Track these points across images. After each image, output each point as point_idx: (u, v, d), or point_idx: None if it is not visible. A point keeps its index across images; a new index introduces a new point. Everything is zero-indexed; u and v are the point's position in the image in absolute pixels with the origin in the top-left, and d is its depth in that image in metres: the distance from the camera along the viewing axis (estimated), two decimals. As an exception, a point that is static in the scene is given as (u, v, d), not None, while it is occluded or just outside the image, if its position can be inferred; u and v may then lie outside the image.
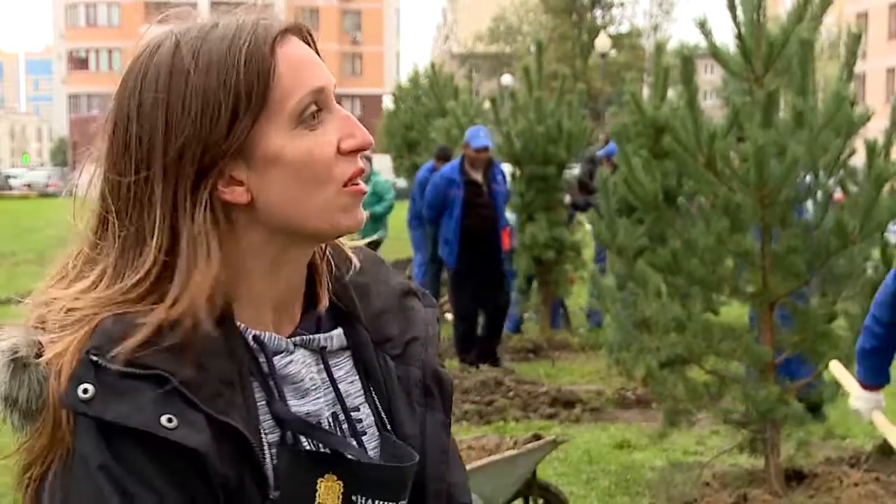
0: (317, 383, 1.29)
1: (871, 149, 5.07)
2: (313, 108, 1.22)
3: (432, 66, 20.81)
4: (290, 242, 1.25)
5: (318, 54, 1.27)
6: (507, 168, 10.44)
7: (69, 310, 1.22)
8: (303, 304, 1.32)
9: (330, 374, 1.30)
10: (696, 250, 5.27)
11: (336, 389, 1.29)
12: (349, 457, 1.24)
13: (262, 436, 1.21)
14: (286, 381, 1.26)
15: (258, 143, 1.21)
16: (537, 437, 4.79)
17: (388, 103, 34.11)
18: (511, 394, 7.78)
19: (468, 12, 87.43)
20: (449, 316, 12.12)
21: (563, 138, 10.12)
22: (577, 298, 11.41)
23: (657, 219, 5.55)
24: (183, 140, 1.19)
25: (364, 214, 1.26)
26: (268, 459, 1.21)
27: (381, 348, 1.34)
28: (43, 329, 1.23)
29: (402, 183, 32.97)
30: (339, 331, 1.32)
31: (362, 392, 1.32)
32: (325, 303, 1.32)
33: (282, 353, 1.27)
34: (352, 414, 1.30)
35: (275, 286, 1.27)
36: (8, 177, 57.11)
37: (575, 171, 11.75)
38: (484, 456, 4.70)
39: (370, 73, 79.17)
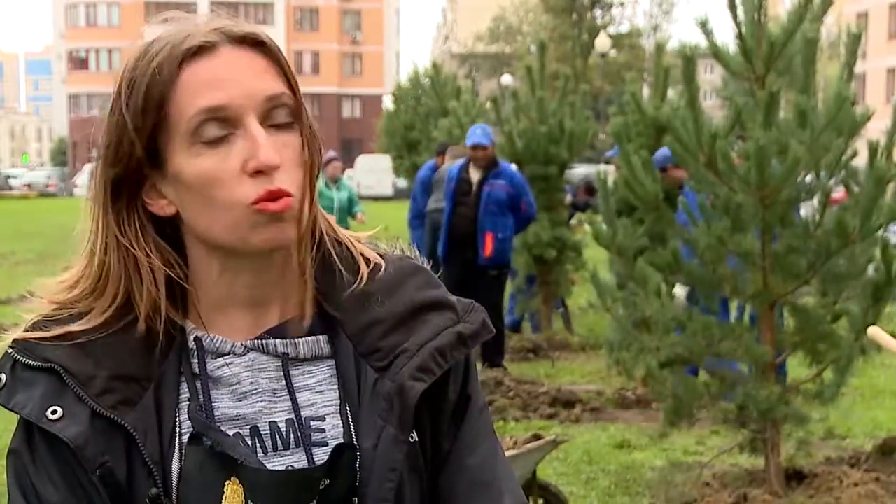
0: (262, 388, 1.29)
1: (873, 149, 5.07)
2: (212, 127, 1.22)
3: (434, 65, 20.81)
4: (227, 254, 1.27)
5: (282, 64, 1.27)
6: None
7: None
8: (301, 307, 1.31)
9: (289, 381, 1.29)
10: (696, 250, 5.27)
11: (293, 397, 1.29)
12: (238, 460, 1.24)
13: (177, 433, 1.26)
14: (221, 383, 1.28)
15: (167, 159, 1.25)
16: (537, 437, 4.79)
17: (388, 103, 34.11)
18: (511, 394, 7.78)
19: (468, 12, 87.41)
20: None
21: (565, 138, 10.12)
22: (578, 299, 11.41)
23: (657, 219, 5.55)
24: (106, 151, 1.27)
25: (287, 233, 1.24)
26: (175, 456, 1.25)
27: (365, 359, 1.31)
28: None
29: (402, 183, 32.97)
30: (311, 338, 1.31)
31: (336, 402, 1.31)
32: (307, 310, 1.32)
33: (226, 355, 1.28)
34: (312, 423, 1.29)
35: (232, 292, 1.29)
36: (8, 177, 57.07)
37: (578, 170, 11.76)
38: (484, 456, 4.70)
39: (370, 73, 79.16)
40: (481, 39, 68.53)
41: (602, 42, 42.58)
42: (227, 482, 1.24)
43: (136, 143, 1.24)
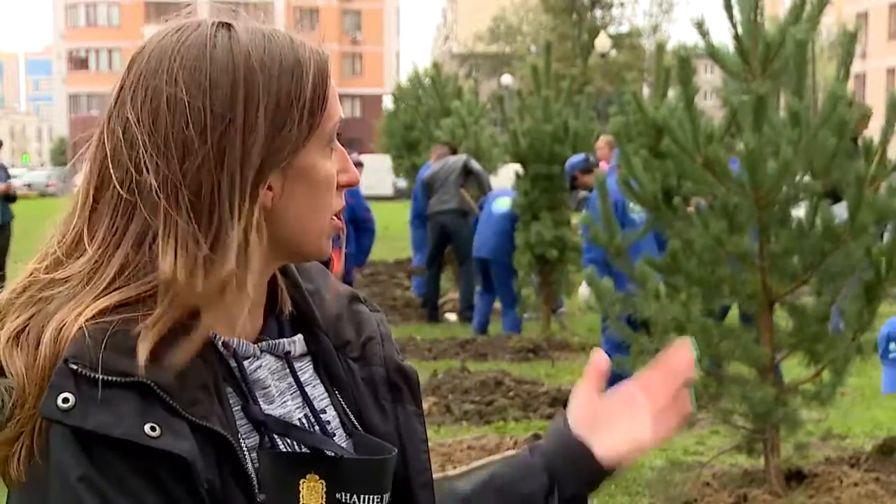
0: (282, 388, 1.29)
1: (867, 147, 5.08)
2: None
3: (434, 65, 20.81)
4: (280, 255, 1.28)
5: None
6: (511, 167, 10.48)
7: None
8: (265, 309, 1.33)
9: (297, 378, 1.31)
10: (694, 251, 5.27)
11: (303, 393, 1.31)
12: (329, 454, 1.24)
13: (241, 440, 1.21)
14: (257, 386, 1.27)
15: (300, 154, 1.22)
16: (537, 438, 4.80)
17: (388, 103, 34.10)
18: (511, 394, 7.78)
19: (468, 12, 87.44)
20: (450, 316, 12.15)
21: (569, 138, 10.13)
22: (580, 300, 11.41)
23: (656, 219, 5.55)
24: (251, 137, 1.18)
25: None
26: (249, 464, 1.20)
27: (341, 352, 1.36)
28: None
29: (402, 183, 32.96)
30: (298, 336, 1.33)
31: (326, 395, 1.33)
32: (287, 308, 1.33)
33: (250, 358, 1.27)
34: (320, 416, 1.30)
35: (246, 295, 1.27)
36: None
37: None
38: (484, 456, 4.71)
39: (370, 73, 79.19)
40: (481, 39, 68.55)
41: (602, 42, 42.58)
42: (302, 481, 1.21)
43: (295, 131, 1.20)
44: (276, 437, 1.24)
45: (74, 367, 1.11)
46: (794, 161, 4.90)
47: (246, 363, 1.26)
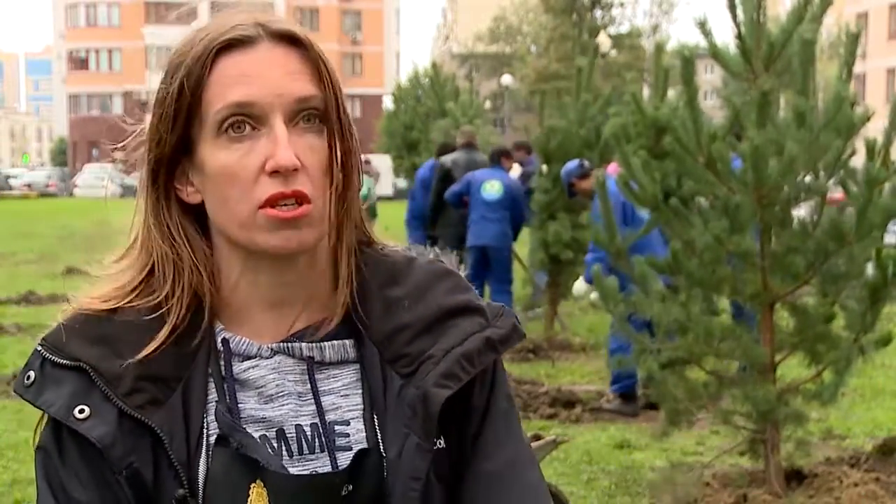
0: (288, 392, 1.27)
1: (870, 148, 5.07)
2: (236, 121, 1.22)
3: (433, 66, 20.81)
4: (245, 252, 1.26)
5: (320, 65, 1.25)
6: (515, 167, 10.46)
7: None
8: (327, 310, 1.30)
9: (314, 385, 1.28)
10: (695, 251, 5.27)
11: (318, 401, 1.28)
12: (261, 463, 1.23)
13: (204, 434, 1.24)
14: (247, 386, 1.27)
15: (196, 147, 1.25)
16: (537, 438, 4.79)
17: (388, 103, 34.10)
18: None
19: (468, 12, 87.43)
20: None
21: (599, 145, 10.09)
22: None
23: (657, 219, 5.55)
24: (149, 132, 1.28)
25: (300, 239, 1.22)
26: (202, 457, 1.24)
27: (391, 365, 1.29)
28: None
29: (402, 183, 32.97)
30: (337, 342, 1.30)
31: (360, 407, 1.29)
32: (335, 313, 1.30)
33: (252, 357, 1.27)
34: (337, 427, 1.28)
35: (254, 291, 1.28)
36: (8, 177, 57.05)
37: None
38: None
39: (370, 73, 79.13)
40: (481, 39, 68.54)
41: (602, 42, 42.58)
42: (253, 485, 1.23)
43: (169, 127, 1.25)
44: (240, 438, 1.25)
45: (40, 348, 1.27)
46: (798, 159, 4.89)
47: (240, 363, 1.27)
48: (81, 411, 1.22)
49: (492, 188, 10.15)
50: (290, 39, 1.25)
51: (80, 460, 1.23)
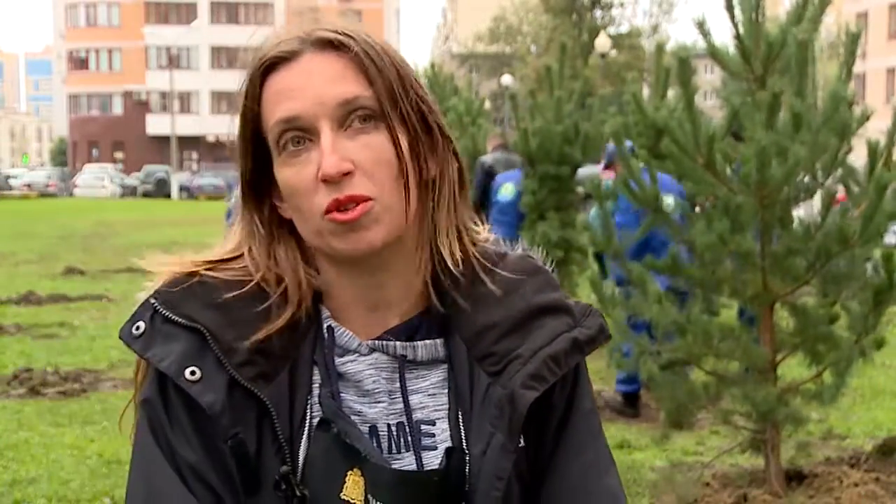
0: (382, 389, 1.29)
1: (872, 150, 5.07)
2: (289, 136, 1.24)
3: (432, 66, 20.81)
4: (332, 259, 1.28)
5: (365, 64, 1.24)
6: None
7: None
8: (420, 308, 1.32)
9: (403, 384, 1.29)
10: (695, 251, 5.27)
11: (406, 400, 1.29)
12: (362, 453, 1.24)
13: (308, 415, 1.26)
14: (346, 379, 1.29)
15: (274, 167, 1.28)
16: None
17: (388, 103, 34.07)
18: (511, 394, 7.77)
19: (468, 12, 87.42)
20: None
21: (579, 140, 10.13)
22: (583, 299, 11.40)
23: (657, 220, 5.54)
24: (238, 161, 1.32)
25: (368, 238, 1.23)
26: (303, 439, 1.25)
27: (479, 364, 1.29)
28: None
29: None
30: (429, 341, 1.30)
31: (446, 406, 1.30)
32: (426, 309, 1.32)
33: (351, 352, 1.29)
34: (423, 427, 1.29)
35: (354, 291, 1.30)
36: (8, 177, 57.06)
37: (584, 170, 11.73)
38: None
39: (370, 73, 78.99)
40: (481, 39, 68.49)
41: (602, 42, 42.56)
42: (350, 472, 1.24)
43: (243, 146, 1.29)
44: (342, 425, 1.26)
45: (154, 301, 1.27)
46: (803, 160, 4.89)
47: (341, 355, 1.29)
48: (193, 373, 1.22)
49: (506, 191, 10.26)
50: (333, 44, 1.25)
51: (188, 421, 1.23)
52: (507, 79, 46.23)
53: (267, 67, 1.25)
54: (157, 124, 74.18)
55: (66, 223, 27.91)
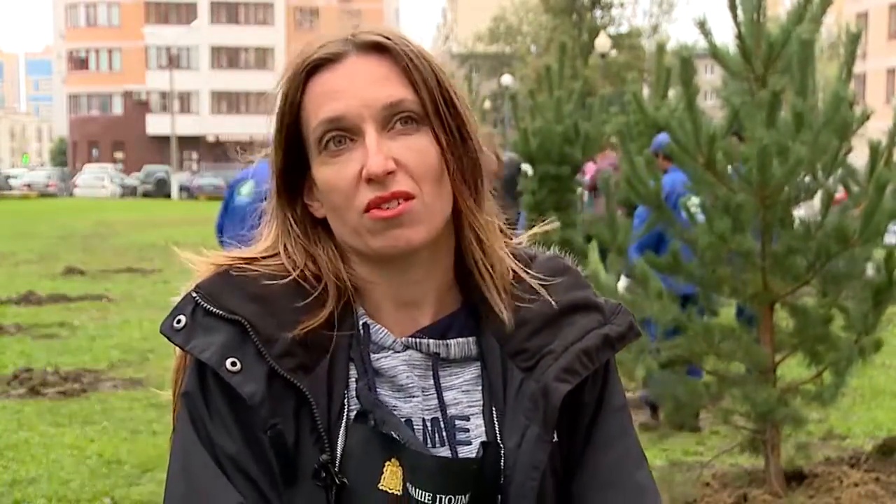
0: (416, 385, 1.31)
1: (874, 150, 5.07)
2: (332, 135, 1.26)
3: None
4: (368, 258, 1.30)
5: (409, 68, 1.28)
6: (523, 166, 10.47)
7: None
8: (452, 307, 1.34)
9: (437, 381, 1.32)
10: (696, 250, 5.27)
11: (440, 396, 1.31)
12: (402, 442, 1.26)
13: (345, 408, 1.28)
14: (380, 374, 1.31)
15: (311, 167, 1.31)
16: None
17: (388, 103, 34.08)
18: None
19: (468, 12, 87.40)
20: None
21: (579, 140, 10.13)
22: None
23: (658, 218, 5.54)
24: (272, 160, 1.33)
25: (409, 236, 1.25)
26: (342, 430, 1.27)
27: (512, 360, 1.32)
28: None
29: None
30: (462, 339, 1.33)
31: (480, 403, 1.33)
32: (459, 308, 1.34)
33: (386, 349, 1.31)
34: (457, 422, 1.31)
35: (387, 290, 1.32)
36: (8, 177, 57.06)
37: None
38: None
39: (370, 74, 78.98)
40: (481, 39, 68.45)
41: (602, 42, 42.54)
42: (388, 463, 1.26)
43: (280, 147, 1.31)
44: (372, 416, 1.28)
45: (195, 295, 1.29)
46: (804, 160, 4.89)
47: (376, 352, 1.31)
48: (234, 364, 1.24)
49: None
50: (377, 48, 1.29)
51: (228, 412, 1.25)
52: (507, 79, 46.22)
53: (310, 70, 1.28)
54: (157, 124, 74.15)
55: (66, 223, 27.90)
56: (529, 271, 1.36)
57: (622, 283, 6.48)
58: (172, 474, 1.26)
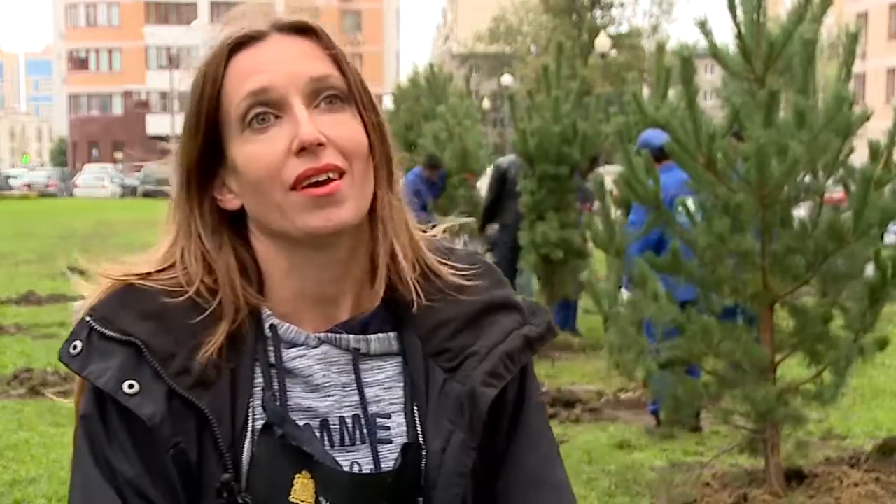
0: (333, 381, 1.28)
1: (874, 150, 5.07)
2: (257, 111, 1.23)
3: (431, 66, 20.80)
4: (290, 245, 1.26)
5: (334, 51, 1.27)
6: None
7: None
8: (370, 302, 1.31)
9: (358, 376, 1.29)
10: (695, 250, 5.27)
11: (361, 392, 1.28)
12: (313, 456, 1.24)
13: (250, 419, 1.24)
14: (293, 374, 1.27)
15: (228, 152, 1.26)
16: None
17: (387, 103, 34.07)
18: (511, 394, 7.77)
19: (468, 12, 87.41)
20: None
21: (577, 140, 10.12)
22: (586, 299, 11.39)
23: (657, 219, 5.54)
24: (182, 152, 1.28)
25: (340, 214, 1.22)
26: (247, 443, 1.24)
27: (434, 359, 1.30)
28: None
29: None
30: (382, 335, 1.30)
31: (401, 400, 1.30)
32: (373, 305, 1.31)
33: (299, 346, 1.27)
34: (378, 420, 1.29)
35: (301, 285, 1.28)
36: (8, 177, 57.05)
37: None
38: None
39: (370, 73, 78.36)
40: (481, 39, 68.47)
41: (602, 42, 42.56)
42: (298, 475, 1.23)
43: (194, 133, 1.26)
44: (288, 429, 1.25)
45: (88, 319, 1.25)
46: (802, 159, 4.89)
47: (288, 350, 1.27)
48: (131, 386, 1.21)
49: None
50: (300, 30, 1.27)
51: (126, 435, 1.22)
52: (507, 79, 46.27)
53: (233, 48, 1.25)
54: (157, 124, 74.15)
55: (66, 223, 27.90)
56: (447, 262, 1.33)
57: (625, 294, 6.47)
58: (72, 499, 1.25)
